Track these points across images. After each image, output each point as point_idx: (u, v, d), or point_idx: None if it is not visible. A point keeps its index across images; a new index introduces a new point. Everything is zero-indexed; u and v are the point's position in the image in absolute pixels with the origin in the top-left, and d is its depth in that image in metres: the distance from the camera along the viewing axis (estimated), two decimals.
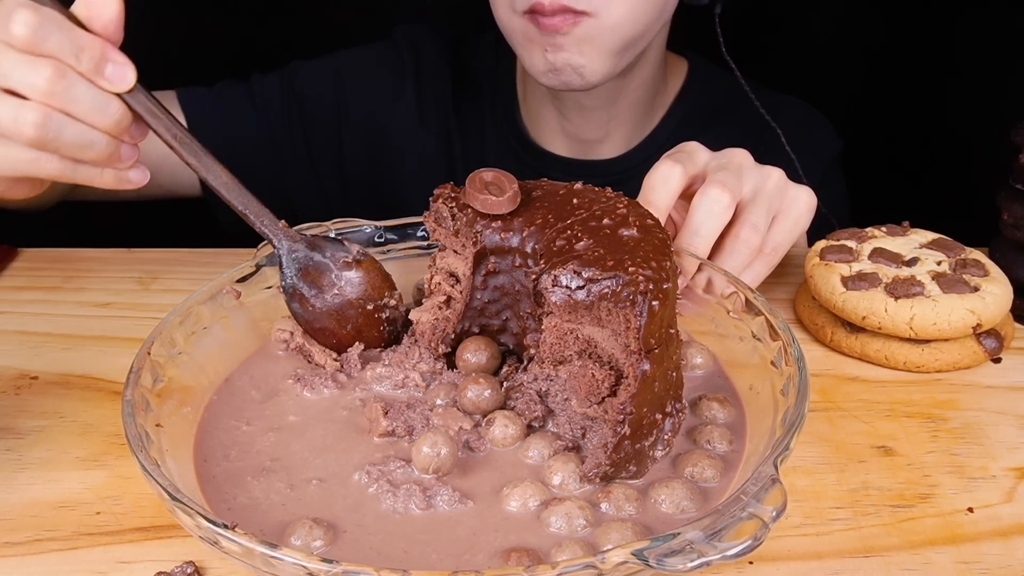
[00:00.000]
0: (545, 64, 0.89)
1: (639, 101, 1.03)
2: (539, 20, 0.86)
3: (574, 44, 0.87)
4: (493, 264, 0.59)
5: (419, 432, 0.56)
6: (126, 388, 0.53)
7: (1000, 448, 0.62)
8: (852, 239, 0.77)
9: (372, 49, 1.10)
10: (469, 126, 1.09)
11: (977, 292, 0.70)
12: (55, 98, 0.57)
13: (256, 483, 0.53)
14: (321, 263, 0.64)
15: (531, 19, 0.87)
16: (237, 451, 0.56)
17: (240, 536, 0.42)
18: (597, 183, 0.62)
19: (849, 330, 0.72)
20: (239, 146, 1.05)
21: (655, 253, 0.53)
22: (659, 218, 0.66)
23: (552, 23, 0.85)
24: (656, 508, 0.51)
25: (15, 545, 0.54)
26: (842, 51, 1.57)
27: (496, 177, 0.59)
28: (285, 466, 0.54)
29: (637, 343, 0.50)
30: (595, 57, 0.88)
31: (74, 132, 0.58)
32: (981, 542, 0.54)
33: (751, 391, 0.59)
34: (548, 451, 0.54)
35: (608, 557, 0.41)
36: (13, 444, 0.62)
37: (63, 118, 0.58)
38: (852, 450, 0.61)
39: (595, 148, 1.06)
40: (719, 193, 0.67)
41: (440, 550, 0.48)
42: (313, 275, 0.64)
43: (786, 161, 0.93)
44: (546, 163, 1.06)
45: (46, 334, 0.75)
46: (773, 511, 0.43)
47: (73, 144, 0.59)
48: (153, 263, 0.86)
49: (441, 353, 0.62)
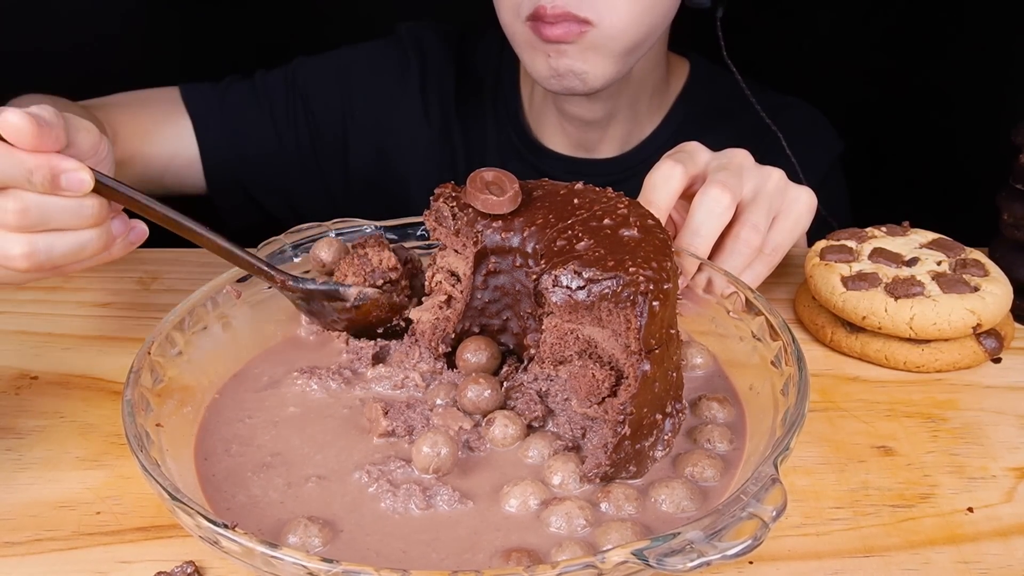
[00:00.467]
0: (548, 70, 0.89)
1: (639, 101, 1.03)
2: (542, 32, 0.86)
3: (577, 52, 0.88)
4: (494, 264, 0.59)
5: (419, 432, 0.56)
6: (126, 388, 0.53)
7: (1000, 448, 0.62)
8: (852, 239, 0.77)
9: (376, 46, 1.10)
10: (472, 123, 1.09)
11: (977, 292, 0.70)
12: (32, 225, 0.57)
13: (256, 482, 0.53)
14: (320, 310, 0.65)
15: (534, 28, 0.87)
16: (238, 445, 0.56)
17: (240, 536, 0.42)
18: (599, 182, 0.63)
19: (849, 330, 0.72)
20: (243, 142, 1.05)
21: (656, 253, 0.53)
22: (659, 218, 0.66)
23: (555, 34, 0.86)
24: (656, 508, 0.51)
25: (15, 545, 0.54)
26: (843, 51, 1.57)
27: (497, 177, 0.59)
28: (286, 464, 0.54)
29: (637, 343, 0.50)
30: (598, 63, 0.88)
31: (64, 244, 0.58)
32: (981, 542, 0.54)
33: (751, 391, 0.59)
34: (548, 451, 0.54)
35: (608, 557, 0.41)
36: (13, 444, 0.62)
37: (48, 237, 0.58)
38: (852, 450, 0.61)
39: (597, 147, 1.06)
40: (719, 193, 0.67)
41: (440, 550, 0.48)
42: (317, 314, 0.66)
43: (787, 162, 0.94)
44: (548, 161, 1.06)
45: (46, 334, 0.75)
46: (773, 511, 0.43)
47: (68, 254, 0.58)
48: (153, 263, 0.86)
49: (441, 353, 0.62)
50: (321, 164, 1.09)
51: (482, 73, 1.10)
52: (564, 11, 0.85)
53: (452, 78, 1.08)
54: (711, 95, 1.07)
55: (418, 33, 1.10)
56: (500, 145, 1.08)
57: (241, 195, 1.09)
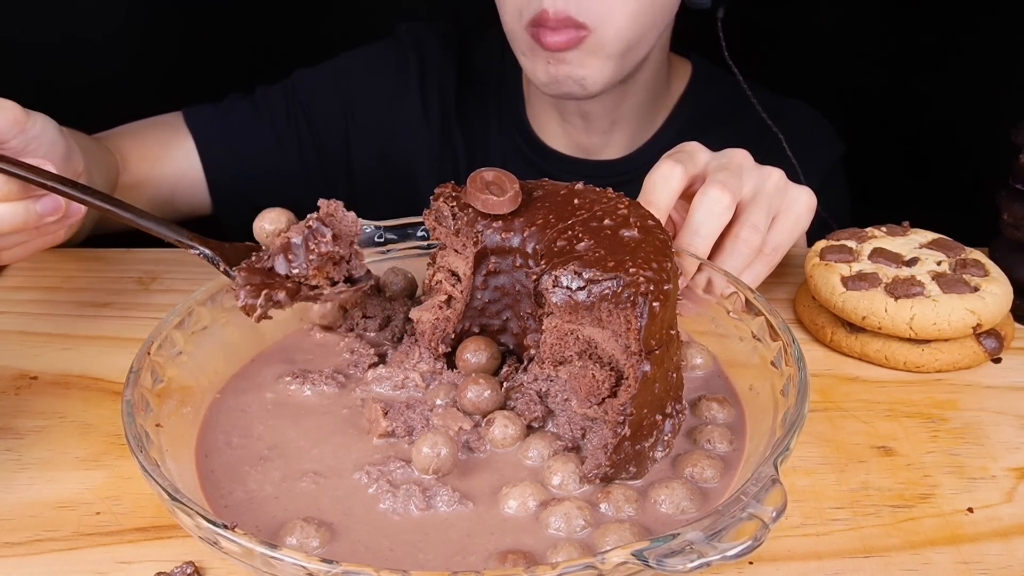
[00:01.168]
0: (547, 76, 0.90)
1: (641, 103, 1.03)
2: (543, 39, 0.87)
3: (576, 58, 0.88)
4: (494, 264, 0.59)
5: (419, 433, 0.56)
6: (126, 388, 0.53)
7: (1000, 448, 0.62)
8: (852, 239, 0.77)
9: (374, 48, 1.10)
10: (474, 123, 1.09)
11: (977, 292, 0.70)
12: None
13: (255, 477, 0.53)
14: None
15: (535, 35, 0.87)
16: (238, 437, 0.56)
17: (240, 536, 0.42)
18: (601, 183, 0.63)
19: (849, 330, 0.72)
20: (246, 158, 1.06)
21: (656, 254, 0.53)
22: (659, 218, 0.66)
23: (555, 42, 0.86)
24: (656, 509, 0.51)
25: (15, 545, 0.53)
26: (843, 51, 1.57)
27: (497, 177, 0.59)
28: (285, 464, 0.54)
29: (638, 344, 0.50)
30: (596, 66, 0.89)
31: None
32: (981, 542, 0.54)
33: (751, 391, 0.59)
34: (548, 451, 0.54)
35: (608, 558, 0.41)
36: (13, 444, 0.62)
37: None
38: (852, 450, 0.61)
39: (600, 149, 1.06)
40: (719, 193, 0.67)
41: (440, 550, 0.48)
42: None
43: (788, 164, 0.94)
44: (551, 162, 1.06)
45: (46, 334, 0.75)
46: (773, 511, 0.43)
47: None
48: (153, 263, 0.86)
49: (441, 353, 0.62)
50: (325, 172, 1.10)
51: (483, 73, 1.10)
52: (566, 15, 0.85)
53: (453, 77, 1.08)
54: (713, 97, 1.07)
55: (417, 33, 1.10)
56: (502, 145, 1.08)
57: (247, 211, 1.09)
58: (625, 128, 1.04)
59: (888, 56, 1.56)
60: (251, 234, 0.62)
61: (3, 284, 0.83)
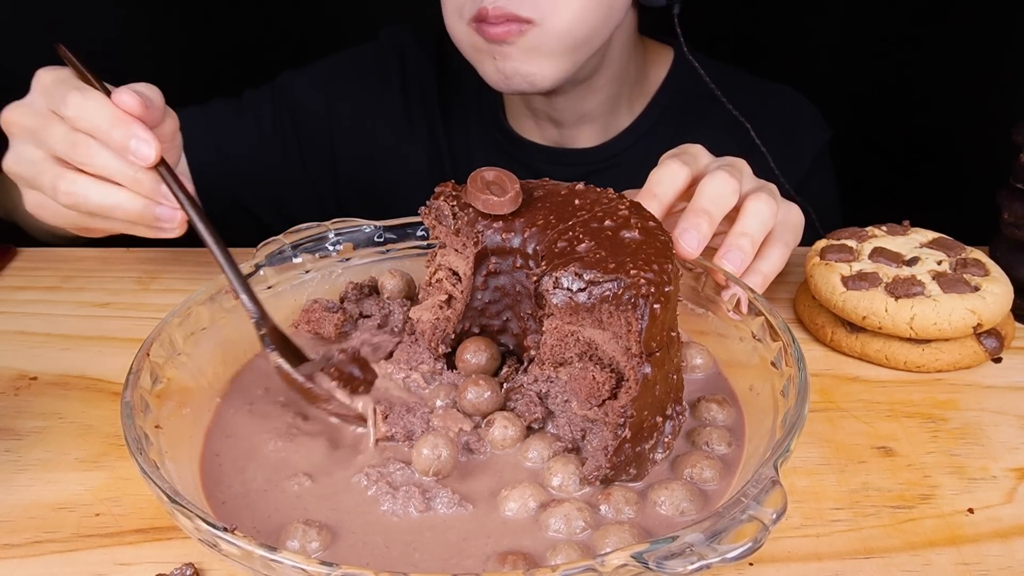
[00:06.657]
0: (496, 73, 0.91)
1: (610, 98, 1.04)
2: (484, 30, 0.87)
3: (521, 53, 0.88)
4: (494, 264, 0.59)
5: (419, 434, 0.55)
6: (125, 389, 0.53)
7: (1000, 448, 0.62)
8: (852, 239, 0.77)
9: (359, 50, 1.12)
10: (456, 121, 1.10)
11: (978, 292, 0.70)
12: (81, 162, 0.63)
13: (256, 482, 0.53)
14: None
15: (477, 28, 0.88)
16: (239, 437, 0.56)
17: (239, 539, 0.42)
18: (579, 171, 0.63)
19: (849, 330, 0.72)
20: (232, 160, 1.07)
21: (657, 256, 0.53)
22: (660, 211, 0.67)
23: (496, 33, 0.86)
24: (656, 510, 0.51)
25: (14, 547, 0.53)
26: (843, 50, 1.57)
27: (498, 177, 0.59)
28: (285, 466, 0.54)
29: (638, 346, 0.50)
30: (543, 64, 0.89)
31: (100, 194, 0.64)
32: (981, 543, 0.54)
33: (751, 392, 0.59)
34: (548, 453, 0.54)
35: (608, 560, 0.41)
36: (12, 445, 0.62)
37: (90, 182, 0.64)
38: (852, 451, 0.61)
39: (575, 138, 1.07)
40: (728, 176, 0.67)
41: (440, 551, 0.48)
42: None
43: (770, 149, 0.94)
44: (528, 153, 1.07)
45: (45, 334, 0.75)
46: (773, 513, 0.42)
47: (102, 206, 0.64)
48: (152, 263, 0.86)
49: (441, 353, 0.62)
50: (312, 174, 1.11)
51: (463, 72, 1.10)
52: (505, 12, 0.85)
53: (433, 77, 1.10)
54: (695, 84, 1.07)
55: (398, 35, 1.12)
56: (484, 142, 1.09)
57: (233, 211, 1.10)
58: (598, 117, 1.05)
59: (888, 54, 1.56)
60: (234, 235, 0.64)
61: (2, 284, 0.83)
